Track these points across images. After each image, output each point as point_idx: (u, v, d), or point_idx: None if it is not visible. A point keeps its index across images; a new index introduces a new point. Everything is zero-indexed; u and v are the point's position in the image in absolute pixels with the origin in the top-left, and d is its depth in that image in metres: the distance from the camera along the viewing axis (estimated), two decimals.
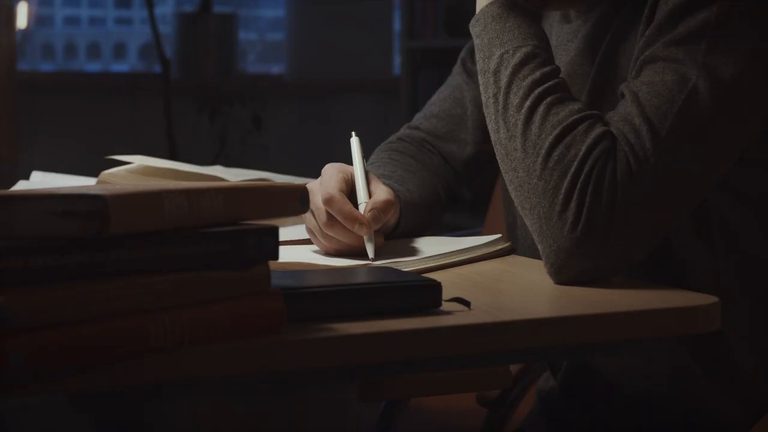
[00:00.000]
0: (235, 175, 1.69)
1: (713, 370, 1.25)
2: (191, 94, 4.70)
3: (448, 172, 1.49)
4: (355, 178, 1.27)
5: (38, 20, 5.40)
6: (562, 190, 1.09)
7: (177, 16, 5.18)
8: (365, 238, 1.20)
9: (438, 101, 1.53)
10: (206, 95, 4.68)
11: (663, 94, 1.12)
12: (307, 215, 1.25)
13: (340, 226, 1.21)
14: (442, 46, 4.51)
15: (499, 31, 1.19)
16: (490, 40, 1.20)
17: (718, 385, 1.25)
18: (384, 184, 1.33)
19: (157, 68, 4.75)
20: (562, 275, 1.10)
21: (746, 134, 1.17)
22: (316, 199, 1.23)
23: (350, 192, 1.25)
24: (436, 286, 0.96)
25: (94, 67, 5.66)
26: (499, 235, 1.31)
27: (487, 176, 1.44)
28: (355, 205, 1.24)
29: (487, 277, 1.17)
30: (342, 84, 5.24)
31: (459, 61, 1.52)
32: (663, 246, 1.17)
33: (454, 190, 1.50)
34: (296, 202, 0.94)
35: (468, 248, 1.25)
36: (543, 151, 1.11)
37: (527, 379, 1.58)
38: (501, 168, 1.17)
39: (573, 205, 1.09)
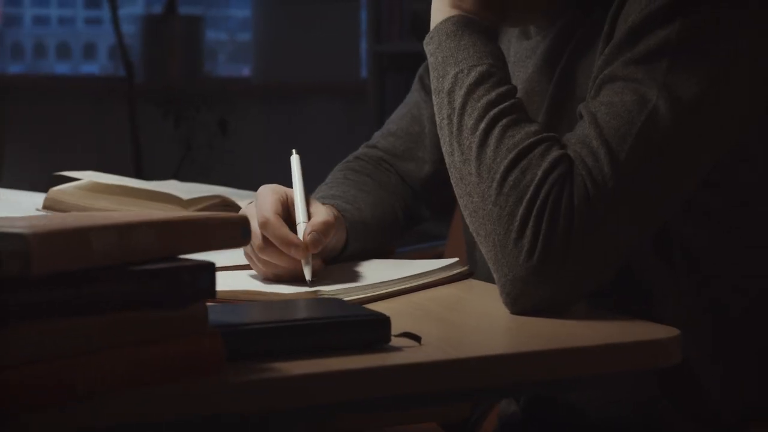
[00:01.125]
0: (188, 192, 1.64)
1: (678, 394, 1.21)
2: (157, 98, 4.64)
3: (406, 191, 1.45)
4: (293, 199, 1.22)
5: (6, 20, 5.33)
6: (518, 217, 1.05)
7: (142, 18, 5.12)
8: (302, 261, 1.15)
9: (396, 119, 1.48)
10: (172, 99, 4.62)
11: (622, 115, 1.08)
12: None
13: (276, 250, 1.16)
14: (408, 51, 4.48)
15: (453, 49, 1.15)
16: (445, 59, 1.16)
17: (684, 410, 1.22)
18: (331, 204, 1.29)
19: (122, 71, 4.69)
20: (519, 305, 1.06)
21: (707, 155, 1.13)
22: (252, 222, 1.18)
23: (287, 214, 1.20)
24: (384, 321, 0.92)
25: (63, 68, 5.59)
26: (455, 259, 1.26)
27: (449, 194, 1.40)
28: (293, 227, 1.19)
29: (441, 305, 1.12)
30: (309, 87, 5.20)
31: (417, 78, 1.48)
32: (623, 267, 1.14)
33: (412, 209, 1.45)
34: (237, 234, 0.89)
35: (422, 273, 1.21)
36: (498, 176, 1.07)
37: (489, 402, 1.53)
38: (456, 192, 1.13)
39: (529, 232, 1.05)
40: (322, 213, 1.20)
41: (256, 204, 1.20)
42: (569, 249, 1.04)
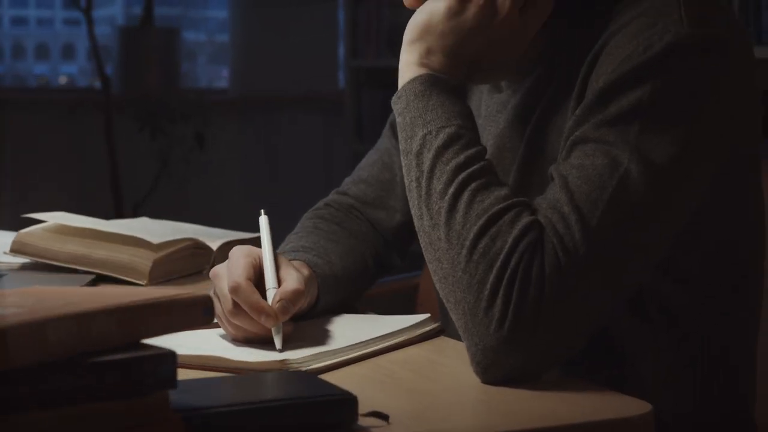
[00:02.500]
0: (159, 235, 1.62)
1: None
2: (133, 110, 4.61)
3: (377, 239, 1.43)
4: (263, 263, 1.20)
5: None
6: (488, 285, 1.03)
7: (118, 30, 5.09)
8: (273, 330, 1.13)
9: (367, 165, 1.47)
10: (148, 112, 4.59)
11: (593, 179, 1.07)
12: (214, 300, 1.18)
13: (246, 316, 1.14)
14: (385, 66, 4.46)
15: (421, 109, 1.13)
16: (413, 120, 1.13)
17: None
18: (302, 260, 1.27)
19: (98, 83, 4.66)
20: (489, 374, 1.04)
21: (680, 217, 1.12)
22: (223, 285, 1.16)
23: (259, 277, 1.18)
24: (351, 401, 0.90)
25: (42, 68, 5.56)
26: (426, 315, 1.25)
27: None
28: (264, 291, 1.17)
29: (411, 371, 1.11)
30: (286, 99, 5.18)
31: (388, 125, 1.46)
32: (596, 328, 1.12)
33: (383, 257, 1.44)
34: (198, 315, 0.88)
35: (392, 333, 1.19)
36: (468, 243, 1.05)
37: None
38: (425, 257, 1.11)
39: (499, 301, 1.03)
40: (292, 279, 1.17)
41: (228, 266, 1.18)
42: (540, 318, 1.03)
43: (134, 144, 4.68)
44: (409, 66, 1.16)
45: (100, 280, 1.56)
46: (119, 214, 4.65)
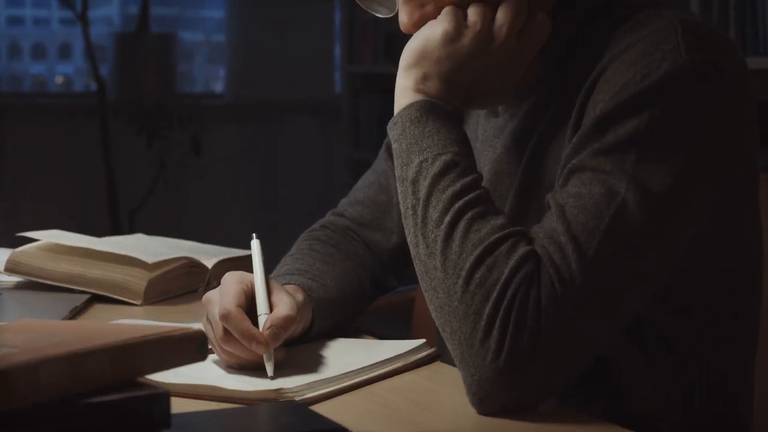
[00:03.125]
0: (153, 253, 1.61)
1: None
2: (129, 115, 4.60)
3: (374, 261, 1.42)
4: (255, 288, 1.19)
5: None
6: (484, 316, 1.03)
7: (115, 36, 5.08)
8: (264, 356, 1.13)
9: (363, 187, 1.46)
10: (144, 117, 4.58)
11: (590, 209, 1.06)
12: (206, 326, 1.18)
13: (237, 343, 1.13)
14: (382, 72, 4.46)
15: (417, 136, 1.12)
16: (409, 146, 1.13)
17: None
18: (296, 284, 1.26)
19: (94, 86, 4.65)
20: (485, 406, 1.04)
21: (678, 245, 1.11)
22: (215, 311, 1.15)
23: (251, 303, 1.17)
24: None
25: (38, 68, 5.55)
26: (422, 341, 1.24)
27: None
28: (255, 317, 1.16)
29: (406, 399, 1.10)
30: (283, 104, 5.17)
31: (384, 146, 1.45)
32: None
33: (380, 278, 1.43)
34: (192, 351, 0.87)
35: (387, 360, 1.18)
36: (464, 273, 1.04)
37: None
38: (421, 285, 1.10)
39: (495, 332, 1.02)
40: (284, 305, 1.17)
41: (220, 293, 1.17)
42: (537, 349, 1.02)
43: (130, 149, 4.67)
44: (405, 91, 1.16)
45: (95, 299, 1.56)
46: (115, 220, 4.64)
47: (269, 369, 1.12)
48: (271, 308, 1.17)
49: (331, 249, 1.40)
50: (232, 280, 1.18)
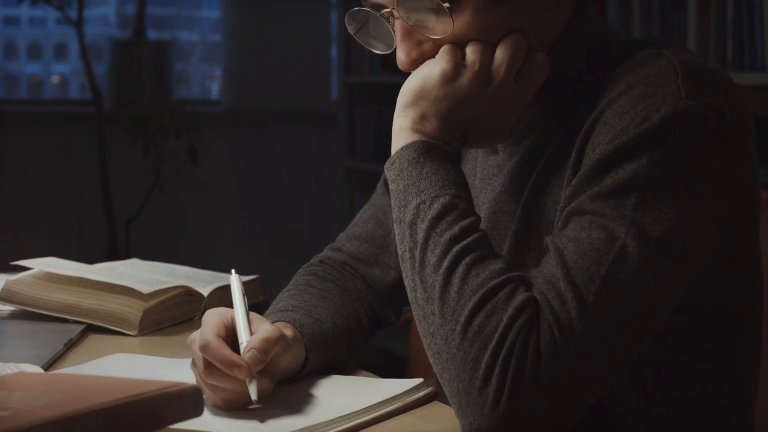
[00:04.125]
0: (150, 283, 1.60)
1: None
2: (125, 124, 4.59)
3: (372, 296, 1.41)
4: (236, 320, 1.18)
5: None
6: (483, 364, 1.02)
7: (110, 42, 5.06)
8: (247, 381, 1.12)
9: (361, 222, 1.45)
10: (140, 126, 4.56)
11: (589, 254, 1.05)
12: (193, 368, 1.17)
13: (221, 373, 1.13)
14: (378, 82, 4.45)
15: (415, 177, 1.11)
16: (406, 188, 1.12)
17: None
18: (286, 321, 1.25)
19: (91, 90, 4.64)
20: None
21: (677, 290, 1.10)
22: (196, 348, 1.15)
23: (232, 335, 1.17)
24: None
25: (34, 68, 5.53)
26: (420, 380, 1.23)
27: None
28: (238, 350, 1.15)
29: None
30: (279, 112, 5.16)
31: (381, 180, 1.44)
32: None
33: (378, 314, 1.42)
34: (188, 408, 0.86)
35: (384, 401, 1.17)
36: (462, 319, 1.03)
37: None
38: (419, 330, 1.09)
39: (494, 381, 1.01)
40: (264, 330, 1.16)
41: (201, 329, 1.17)
42: (536, 398, 1.01)
43: (126, 157, 4.65)
44: (402, 131, 1.15)
45: (90, 329, 1.54)
46: (112, 229, 4.63)
47: (253, 393, 1.11)
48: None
49: (328, 284, 1.39)
50: (212, 314, 1.19)
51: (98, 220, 4.65)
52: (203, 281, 1.71)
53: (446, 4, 1.13)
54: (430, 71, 1.14)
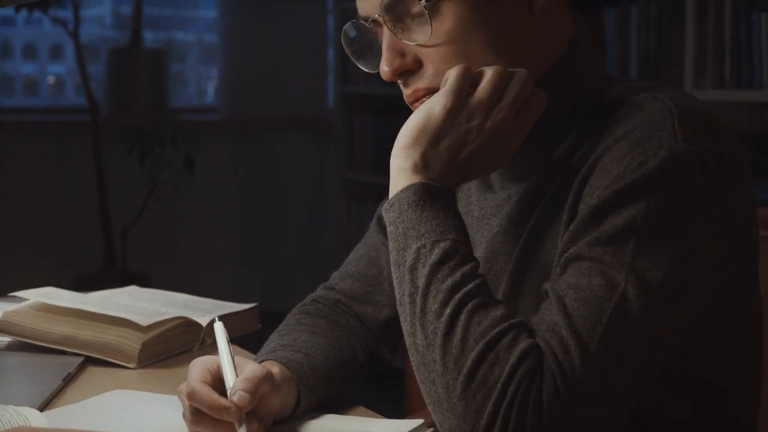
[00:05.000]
0: (149, 314, 1.60)
1: None
2: (121, 133, 4.58)
3: (366, 334, 1.41)
4: (222, 365, 1.18)
5: None
6: (485, 415, 1.02)
7: (107, 51, 5.06)
8: (236, 424, 1.12)
9: (354, 260, 1.45)
10: (137, 135, 4.56)
11: (590, 301, 1.05)
12: (185, 420, 1.17)
13: (210, 419, 1.13)
14: (375, 93, 4.45)
15: (415, 220, 1.11)
16: (406, 231, 1.11)
17: None
18: (272, 360, 1.25)
19: (87, 90, 4.64)
20: None
21: (678, 331, 1.11)
22: (184, 398, 1.15)
23: (218, 381, 1.17)
24: None
25: (29, 68, 5.53)
26: (420, 421, 1.23)
27: None
28: (225, 395, 1.15)
29: None
30: (275, 118, 5.16)
31: (375, 219, 1.44)
32: None
33: (373, 351, 1.41)
34: None
35: None
36: (465, 370, 1.03)
37: None
38: (417, 376, 1.09)
39: (496, 430, 1.01)
40: (249, 370, 1.16)
41: (187, 378, 1.17)
42: None
43: (123, 166, 4.65)
44: (402, 172, 1.13)
45: (89, 361, 1.54)
46: (108, 238, 4.62)
47: None
48: None
49: (319, 320, 1.40)
50: (197, 362, 1.19)
51: (95, 229, 4.65)
52: (202, 310, 1.71)
53: (426, 11, 1.14)
54: (433, 109, 1.13)
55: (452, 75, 1.13)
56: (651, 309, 1.06)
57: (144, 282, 4.67)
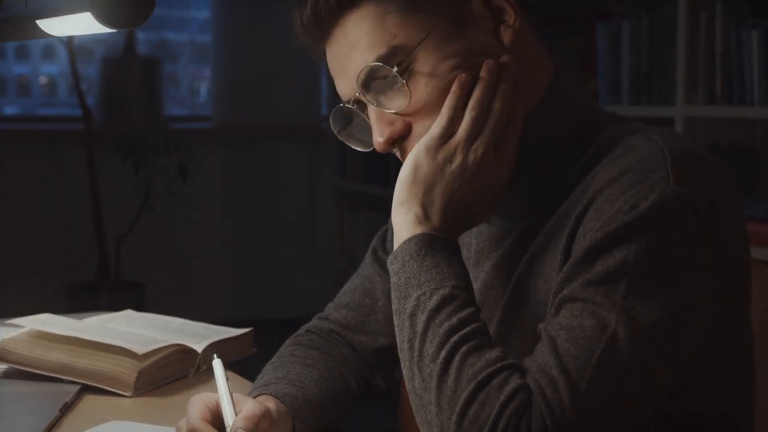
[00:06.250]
0: (144, 341, 1.61)
1: None
2: (115, 142, 4.59)
3: (359, 362, 1.43)
4: (221, 403, 1.21)
5: None
6: None
7: (100, 59, 5.07)
8: None
9: (349, 291, 1.47)
10: (130, 144, 4.57)
11: (581, 341, 1.07)
12: None
13: None
14: None
15: (416, 270, 1.13)
16: (407, 280, 1.14)
17: None
18: (268, 394, 1.27)
19: (79, 112, 4.65)
20: None
21: (668, 372, 1.12)
22: None
23: (218, 419, 1.20)
24: None
25: (22, 68, 5.53)
26: None
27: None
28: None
29: None
30: (269, 128, 5.17)
31: (370, 250, 1.46)
32: None
33: (367, 379, 1.43)
34: None
35: None
36: (458, 409, 1.05)
37: None
38: (416, 417, 1.11)
39: None
40: (248, 407, 1.19)
41: (187, 415, 1.19)
42: None
43: (117, 175, 4.66)
44: (403, 227, 1.16)
45: (85, 388, 1.55)
46: (102, 247, 4.63)
47: None
48: None
49: (312, 352, 1.42)
50: (196, 400, 1.21)
51: (88, 238, 4.66)
52: (197, 335, 1.72)
53: (401, 78, 1.16)
54: (418, 159, 1.16)
55: (433, 125, 1.16)
56: (641, 349, 1.07)
57: (138, 291, 4.70)
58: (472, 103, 1.16)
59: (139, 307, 4.54)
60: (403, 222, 1.16)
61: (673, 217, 1.09)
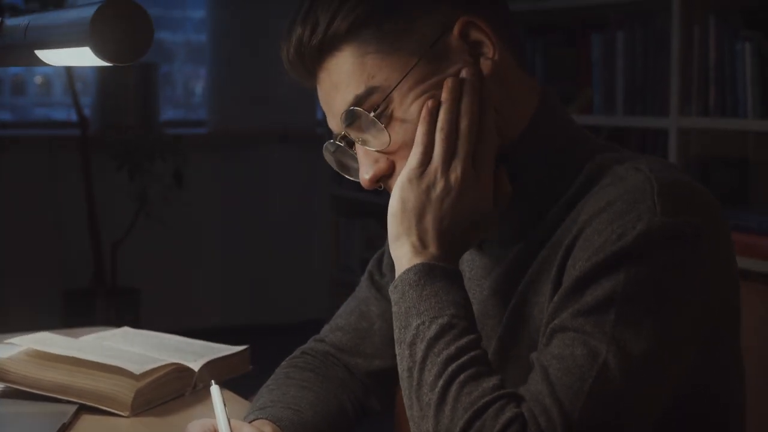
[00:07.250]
0: (141, 361, 1.62)
1: None
2: (110, 148, 4.59)
3: (355, 384, 1.45)
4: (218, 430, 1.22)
5: None
6: None
7: (95, 67, 5.06)
8: None
9: (344, 314, 1.48)
10: (126, 151, 4.57)
11: (573, 371, 1.08)
12: None
13: None
14: None
15: (416, 299, 1.15)
16: (407, 310, 1.15)
17: None
18: (265, 418, 1.29)
19: (74, 117, 4.65)
20: None
21: (660, 398, 1.14)
22: None
23: None
24: None
25: (16, 68, 5.52)
26: None
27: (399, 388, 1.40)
28: None
29: None
30: (264, 134, 5.17)
31: (366, 273, 1.47)
32: None
33: (362, 401, 1.45)
34: None
35: None
36: None
37: None
38: None
39: None
40: None
41: None
42: None
43: (112, 182, 4.66)
44: (401, 259, 1.18)
45: (83, 408, 1.56)
46: (97, 254, 4.64)
47: None
48: None
49: (307, 374, 1.43)
50: (194, 426, 1.23)
51: (84, 245, 4.66)
52: (194, 354, 1.73)
53: (379, 121, 1.18)
54: (403, 190, 1.18)
55: (410, 155, 1.19)
56: (631, 377, 1.09)
57: (134, 297, 4.70)
58: (440, 124, 1.18)
59: (135, 313, 4.58)
60: (402, 255, 1.18)
61: (660, 246, 1.11)
